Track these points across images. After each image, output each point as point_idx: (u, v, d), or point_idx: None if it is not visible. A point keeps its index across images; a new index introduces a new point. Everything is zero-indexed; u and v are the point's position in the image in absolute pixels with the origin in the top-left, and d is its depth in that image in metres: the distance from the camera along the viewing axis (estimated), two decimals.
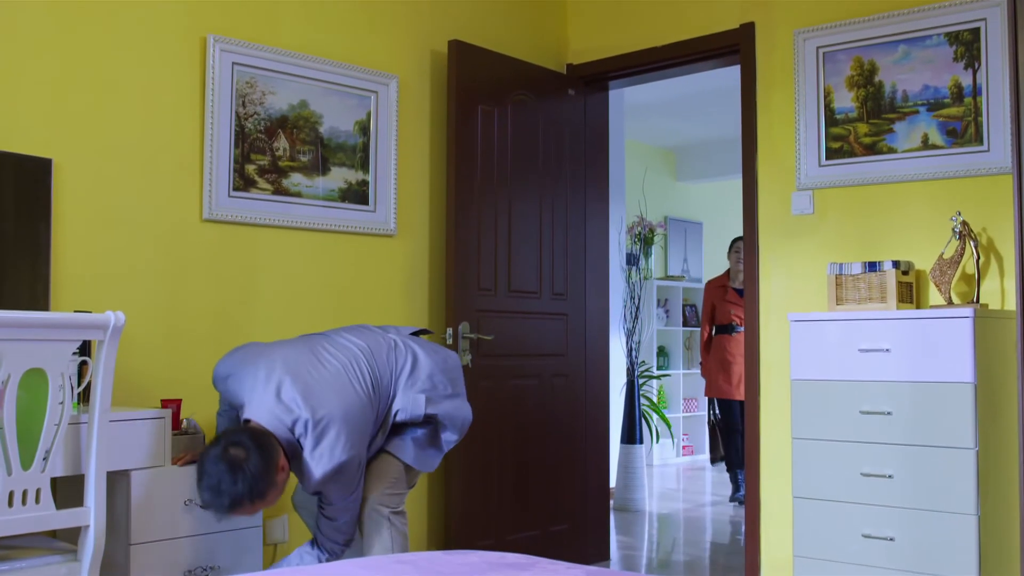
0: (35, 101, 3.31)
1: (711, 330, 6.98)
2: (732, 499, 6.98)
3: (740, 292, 6.62)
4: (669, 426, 8.60)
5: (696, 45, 4.68)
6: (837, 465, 3.68)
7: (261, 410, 2.97)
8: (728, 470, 7.15)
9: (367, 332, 3.31)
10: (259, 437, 2.88)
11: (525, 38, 4.96)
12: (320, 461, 2.94)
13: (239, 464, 2.80)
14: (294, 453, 3.00)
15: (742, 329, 6.59)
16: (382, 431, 3.21)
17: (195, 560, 3.11)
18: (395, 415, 3.20)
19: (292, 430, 2.97)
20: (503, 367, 4.58)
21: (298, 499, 3.51)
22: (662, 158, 9.73)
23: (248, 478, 2.80)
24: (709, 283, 7.15)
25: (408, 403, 3.20)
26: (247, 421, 3.00)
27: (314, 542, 3.18)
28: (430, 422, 3.27)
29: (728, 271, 6.94)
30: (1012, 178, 3.28)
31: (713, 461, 7.42)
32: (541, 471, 4.72)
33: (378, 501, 3.21)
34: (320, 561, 3.06)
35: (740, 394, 6.67)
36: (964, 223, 3.71)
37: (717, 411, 7.20)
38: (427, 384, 3.24)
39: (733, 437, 6.92)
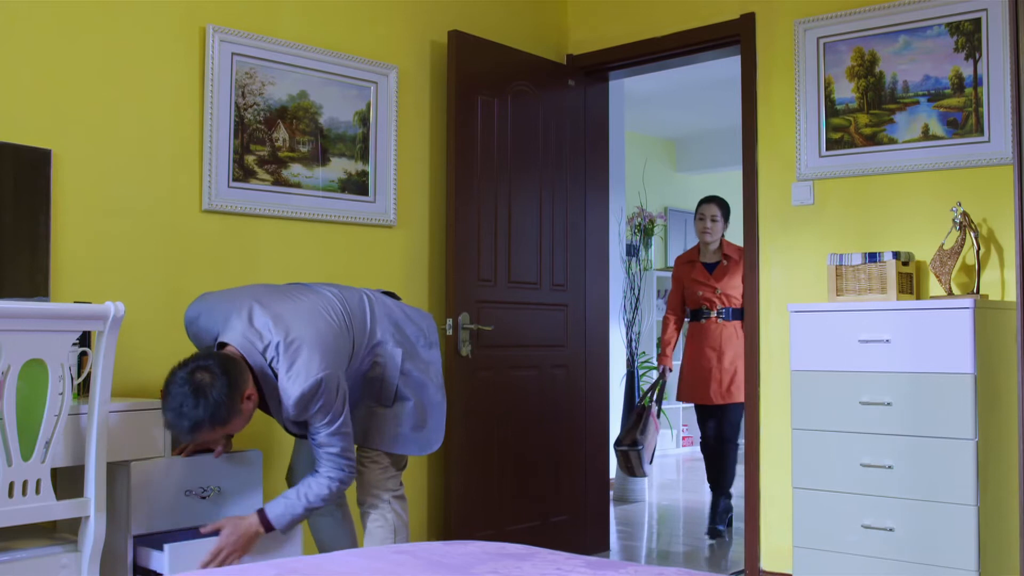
0: (34, 92, 3.30)
1: (678, 318, 5.71)
2: (709, 532, 5.53)
3: (710, 268, 5.57)
4: (661, 412, 8.59)
5: (696, 35, 4.67)
6: (837, 455, 3.68)
7: (234, 333, 2.93)
8: (712, 491, 5.65)
9: (338, 285, 3.29)
10: (227, 363, 2.82)
11: (525, 28, 4.95)
12: (296, 380, 2.87)
13: (203, 389, 2.75)
14: (266, 381, 2.92)
15: (713, 314, 5.49)
16: (367, 359, 3.15)
17: None
18: (373, 364, 3.16)
19: (264, 354, 2.91)
20: (503, 358, 4.58)
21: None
22: (662, 148, 9.72)
23: (211, 404, 2.75)
24: (678, 259, 5.81)
25: (387, 359, 3.18)
26: (221, 345, 2.96)
27: (319, 472, 3.03)
28: (407, 395, 3.22)
29: (698, 244, 5.72)
30: (1012, 169, 3.28)
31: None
32: (541, 462, 4.72)
33: (376, 487, 3.21)
34: (330, 489, 2.97)
35: (720, 396, 5.47)
36: (964, 214, 3.71)
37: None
38: (400, 336, 3.23)
39: (714, 453, 5.61)
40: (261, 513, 3.01)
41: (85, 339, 2.94)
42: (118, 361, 2.92)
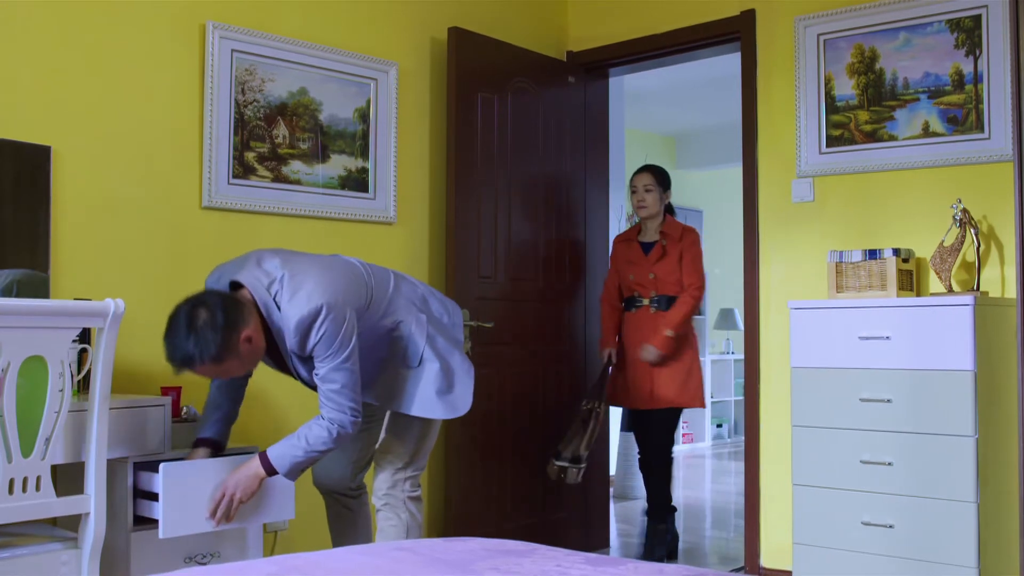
0: (34, 88, 3.30)
1: (614, 305, 4.83)
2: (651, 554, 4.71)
3: (647, 248, 4.73)
4: None
5: (696, 32, 4.67)
6: (837, 453, 3.68)
7: (244, 273, 2.91)
8: (648, 514, 4.82)
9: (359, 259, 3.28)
10: (229, 302, 2.79)
11: (525, 25, 4.94)
12: (297, 305, 2.82)
13: (197, 324, 2.73)
14: (272, 318, 2.88)
15: (645, 303, 4.66)
16: (388, 317, 3.09)
17: (195, 547, 3.12)
18: (397, 324, 3.11)
19: (269, 289, 2.88)
20: (503, 354, 4.58)
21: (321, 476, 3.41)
22: (662, 145, 9.72)
23: (202, 340, 2.73)
24: (616, 238, 5.02)
25: (412, 320, 3.13)
26: (234, 286, 2.93)
27: (321, 416, 2.96)
28: (433, 358, 3.14)
29: (639, 223, 4.88)
30: (1013, 165, 3.27)
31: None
32: (541, 458, 4.72)
33: (392, 486, 3.17)
34: (330, 433, 2.90)
35: (653, 399, 4.62)
36: (965, 210, 3.71)
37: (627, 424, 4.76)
38: (423, 307, 3.19)
39: (650, 466, 4.76)
40: (263, 455, 2.97)
41: (85, 336, 2.94)
42: (118, 358, 2.92)
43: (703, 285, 4.67)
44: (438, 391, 3.13)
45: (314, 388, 3.02)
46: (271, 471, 2.96)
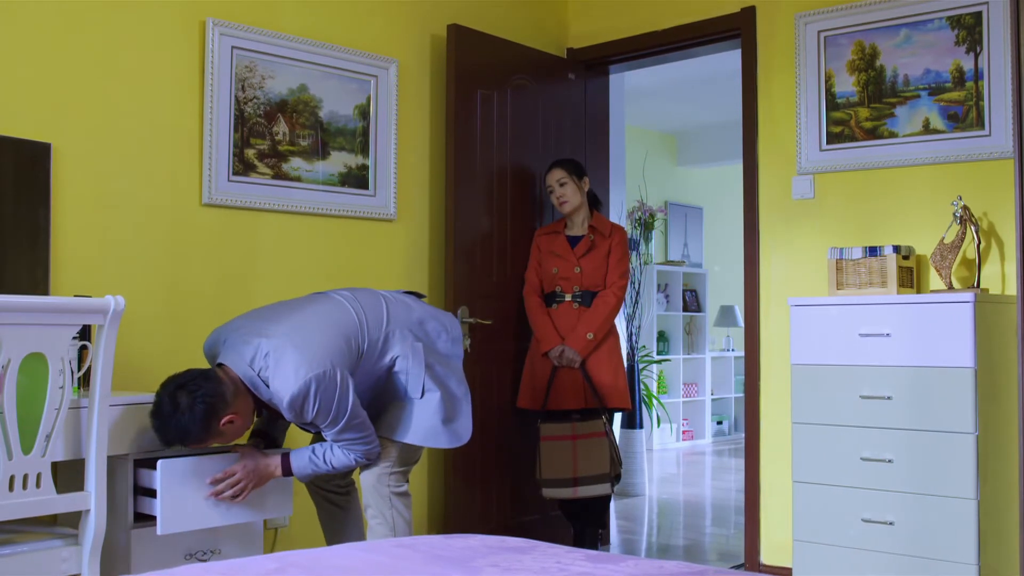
0: (34, 85, 3.30)
1: (543, 296, 4.51)
2: None
3: (574, 241, 4.48)
4: (661, 406, 8.60)
5: (697, 29, 4.66)
6: (837, 449, 3.68)
7: (227, 350, 2.98)
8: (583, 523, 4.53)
9: (352, 288, 3.30)
10: (210, 388, 2.85)
11: (525, 22, 4.94)
12: (285, 384, 2.86)
13: (178, 412, 2.83)
14: (260, 392, 2.94)
15: (568, 298, 4.43)
16: (382, 354, 3.14)
17: (196, 544, 3.12)
18: (395, 360, 3.14)
19: (252, 365, 2.92)
20: (503, 351, 4.57)
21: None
22: (662, 142, 9.71)
23: (182, 427, 2.83)
24: (539, 230, 4.67)
25: (408, 352, 3.15)
26: (220, 365, 2.99)
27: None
28: (434, 388, 3.18)
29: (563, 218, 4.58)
30: (1013, 162, 3.27)
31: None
32: None
33: (378, 483, 3.18)
34: (356, 462, 3.06)
35: (599, 400, 4.35)
36: (965, 207, 3.71)
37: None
38: (420, 332, 3.21)
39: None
40: (285, 459, 3.08)
41: (85, 333, 2.94)
42: (118, 355, 2.92)
43: (627, 285, 4.48)
44: (443, 420, 3.20)
45: (314, 432, 3.16)
46: (288, 474, 3.10)
